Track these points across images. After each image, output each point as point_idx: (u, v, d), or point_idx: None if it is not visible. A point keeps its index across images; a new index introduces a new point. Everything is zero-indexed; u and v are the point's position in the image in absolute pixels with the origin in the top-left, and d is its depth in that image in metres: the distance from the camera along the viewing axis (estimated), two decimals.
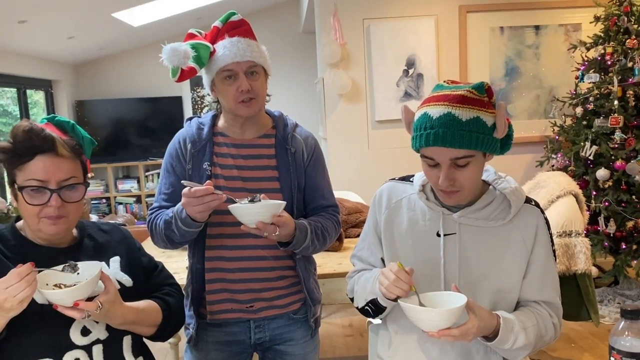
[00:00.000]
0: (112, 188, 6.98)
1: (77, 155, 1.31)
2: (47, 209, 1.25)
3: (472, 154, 1.27)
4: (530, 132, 4.53)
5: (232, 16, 1.64)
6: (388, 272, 1.28)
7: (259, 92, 1.61)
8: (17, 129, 1.26)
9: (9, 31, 4.98)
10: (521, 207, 1.40)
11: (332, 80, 4.35)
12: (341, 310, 4.14)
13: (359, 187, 3.87)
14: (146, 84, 6.97)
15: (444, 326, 1.20)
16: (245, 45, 1.59)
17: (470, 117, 1.25)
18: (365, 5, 4.39)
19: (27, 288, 1.11)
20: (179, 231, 1.55)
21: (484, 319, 1.25)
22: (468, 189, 1.32)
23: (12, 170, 1.27)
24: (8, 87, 5.97)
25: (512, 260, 1.38)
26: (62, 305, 1.16)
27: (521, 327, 1.31)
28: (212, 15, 6.36)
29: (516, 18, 4.46)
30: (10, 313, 1.12)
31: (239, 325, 1.69)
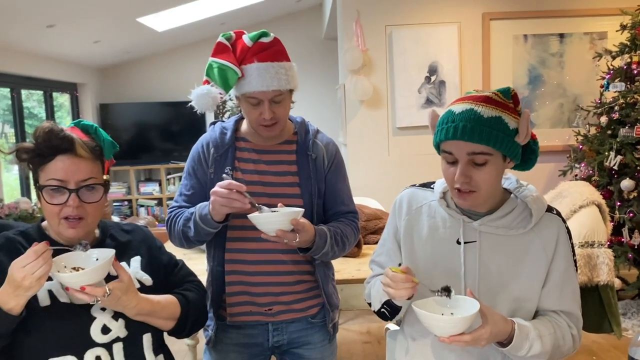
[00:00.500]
0: (134, 190, 7.07)
1: (97, 156, 1.33)
2: (66, 209, 1.27)
3: (490, 151, 1.27)
4: (553, 141, 4.48)
5: (263, 37, 1.60)
6: (386, 279, 1.29)
7: (281, 117, 1.61)
8: (38, 130, 1.29)
9: (38, 35, 5.09)
10: (542, 215, 1.38)
11: (353, 87, 4.36)
12: (359, 317, 4.12)
13: (379, 194, 3.87)
14: (169, 88, 7.06)
15: (455, 332, 1.20)
16: (273, 74, 1.55)
17: (492, 115, 1.26)
18: (388, 11, 4.39)
19: (44, 265, 1.14)
20: (196, 227, 1.58)
21: (498, 325, 1.24)
22: (485, 191, 1.31)
23: (36, 170, 1.31)
24: (35, 90, 6.10)
25: (532, 269, 1.37)
26: (72, 289, 1.19)
27: (537, 335, 1.29)
28: (235, 20, 6.43)
29: (540, 26, 4.43)
30: (29, 292, 1.14)
31: (258, 328, 1.70)
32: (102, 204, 1.34)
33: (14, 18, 4.47)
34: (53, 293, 1.26)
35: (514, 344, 1.26)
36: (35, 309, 1.23)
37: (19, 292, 1.13)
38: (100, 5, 4.74)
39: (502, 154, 1.30)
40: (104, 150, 1.36)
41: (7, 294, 1.14)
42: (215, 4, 5.64)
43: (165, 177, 7.08)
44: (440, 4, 4.41)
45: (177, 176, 7.17)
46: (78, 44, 5.83)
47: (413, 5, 4.40)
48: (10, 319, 1.15)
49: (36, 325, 1.22)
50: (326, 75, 6.93)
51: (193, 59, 7.03)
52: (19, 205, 4.68)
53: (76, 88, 6.82)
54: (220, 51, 1.60)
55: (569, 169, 4.14)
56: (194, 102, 1.57)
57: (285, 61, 1.60)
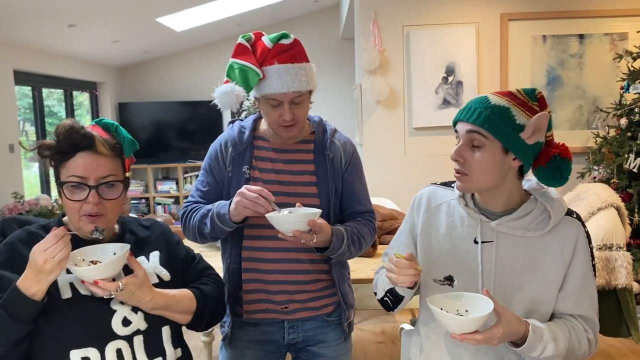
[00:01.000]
0: (151, 188, 7.14)
1: (117, 154, 1.35)
2: (85, 206, 1.29)
3: (486, 135, 1.30)
4: (571, 143, 4.39)
5: (284, 38, 1.61)
6: (389, 264, 1.31)
7: (300, 117, 1.63)
8: (60, 127, 1.31)
9: (59, 35, 5.17)
10: (562, 219, 1.38)
11: (370, 87, 4.36)
12: (374, 317, 4.12)
13: (395, 194, 3.86)
14: (186, 88, 7.12)
15: (468, 331, 1.21)
16: (293, 75, 1.56)
17: (500, 104, 1.31)
18: (405, 12, 4.39)
19: (64, 248, 1.16)
20: (212, 224, 1.60)
21: (512, 325, 1.25)
22: (475, 176, 1.33)
23: (57, 167, 1.33)
24: (56, 89, 6.19)
25: (549, 272, 1.36)
26: (87, 282, 1.22)
27: (551, 337, 1.29)
28: (252, 21, 6.47)
29: (559, 26, 4.39)
30: (51, 276, 1.17)
31: (274, 325, 1.71)
32: (122, 200, 1.36)
33: (36, 18, 4.54)
34: (74, 285, 1.29)
35: (527, 344, 1.26)
36: (57, 300, 1.25)
37: (41, 277, 1.16)
38: (120, 5, 4.80)
39: (501, 145, 1.30)
40: (124, 148, 1.38)
41: (29, 280, 1.17)
42: (232, 4, 5.67)
43: (182, 176, 7.14)
44: (459, 4, 4.39)
45: (193, 175, 7.23)
46: (98, 44, 5.90)
47: (431, 5, 4.39)
48: (33, 304, 1.17)
49: (58, 316, 1.24)
50: (343, 75, 6.94)
51: (210, 58, 7.08)
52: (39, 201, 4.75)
53: (96, 87, 6.91)
54: (240, 52, 1.61)
55: (588, 171, 4.10)
56: (217, 99, 1.58)
57: (305, 62, 1.61)
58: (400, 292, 1.41)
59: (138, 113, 7.03)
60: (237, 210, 1.53)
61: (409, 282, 1.29)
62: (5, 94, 4.94)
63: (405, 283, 1.29)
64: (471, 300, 1.28)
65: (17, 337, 1.18)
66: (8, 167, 4.93)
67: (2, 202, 4.67)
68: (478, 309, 1.24)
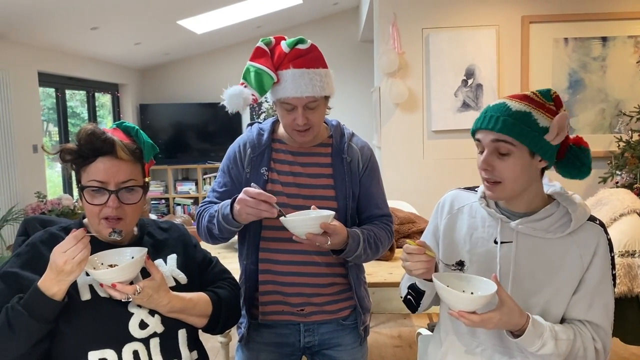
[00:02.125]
0: (171, 189, 7.22)
1: (137, 159, 1.37)
2: (105, 210, 1.31)
3: (513, 142, 1.30)
4: (593, 147, 4.28)
5: (300, 44, 1.61)
6: (403, 254, 1.33)
7: (315, 122, 1.62)
8: (81, 132, 1.33)
9: (82, 37, 5.25)
10: (584, 224, 1.37)
11: (388, 89, 4.35)
12: (390, 321, 4.11)
13: (413, 197, 3.85)
14: (206, 90, 7.18)
15: (467, 309, 1.22)
16: (307, 80, 1.56)
17: (521, 109, 1.31)
18: (425, 14, 4.37)
19: (83, 249, 1.18)
20: (218, 225, 1.61)
21: (512, 314, 1.26)
22: (509, 182, 1.33)
23: (79, 171, 1.35)
24: (78, 90, 6.29)
25: (566, 275, 1.36)
26: (105, 285, 1.24)
27: (552, 336, 1.29)
28: (271, 24, 6.50)
29: (582, 29, 4.33)
30: (71, 277, 1.19)
31: (289, 328, 1.72)
32: (141, 205, 1.38)
33: (60, 21, 4.62)
34: (94, 287, 1.31)
35: (524, 337, 1.27)
36: (76, 301, 1.27)
37: (61, 277, 1.18)
38: (142, 8, 4.86)
39: (528, 150, 1.31)
40: (144, 153, 1.39)
41: (49, 280, 1.19)
42: (252, 7, 5.71)
43: (201, 177, 7.21)
44: (479, 7, 4.36)
45: (213, 176, 7.29)
46: (120, 46, 5.99)
47: (451, 8, 4.36)
48: (53, 304, 1.19)
49: (77, 317, 1.26)
50: (361, 77, 6.93)
51: (230, 61, 7.13)
52: (62, 201, 4.83)
53: (117, 88, 7.00)
54: (258, 55, 1.62)
55: (610, 175, 4.04)
56: (226, 101, 1.60)
57: (322, 68, 1.61)
58: (420, 286, 1.42)
59: (159, 114, 7.11)
60: (242, 217, 1.53)
61: (422, 269, 1.31)
62: (29, 96, 5.03)
63: (419, 270, 1.31)
64: (478, 283, 1.30)
65: (38, 336, 1.20)
66: (32, 167, 5.02)
67: (25, 202, 4.76)
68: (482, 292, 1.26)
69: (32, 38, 4.87)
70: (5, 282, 1.28)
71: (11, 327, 1.18)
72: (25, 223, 1.49)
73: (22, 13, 4.21)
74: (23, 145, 4.85)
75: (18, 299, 1.22)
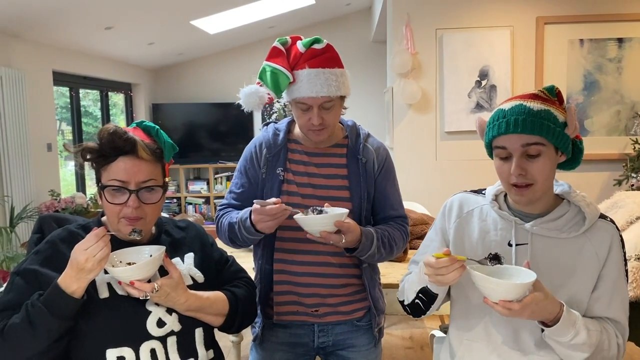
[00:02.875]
0: (183, 188, 7.25)
1: (158, 158, 1.37)
2: (125, 209, 1.32)
3: (543, 142, 1.29)
4: (608, 149, 4.33)
5: (316, 43, 1.61)
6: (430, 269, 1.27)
7: (330, 122, 1.62)
8: (103, 131, 1.33)
9: (97, 37, 5.29)
10: (596, 221, 1.37)
11: (401, 90, 4.34)
12: (402, 322, 4.10)
13: (425, 199, 3.83)
14: (218, 90, 7.21)
15: (507, 298, 1.19)
16: (323, 79, 1.56)
17: (542, 108, 1.30)
18: (439, 15, 4.35)
19: (104, 248, 1.20)
20: (242, 237, 1.62)
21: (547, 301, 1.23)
22: (541, 183, 1.32)
23: (99, 170, 1.35)
24: (92, 89, 6.33)
25: (583, 274, 1.35)
26: (124, 283, 1.25)
27: (584, 326, 1.28)
28: (284, 24, 6.51)
29: (597, 30, 4.29)
30: (91, 274, 1.20)
31: (304, 328, 1.72)
32: (160, 204, 1.39)
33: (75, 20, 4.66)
34: (112, 286, 1.31)
35: (559, 326, 1.25)
36: (95, 299, 1.28)
37: (81, 275, 1.19)
38: (156, 8, 4.89)
39: (554, 146, 1.32)
40: (164, 153, 1.40)
41: (70, 278, 1.20)
42: (265, 7, 5.72)
43: (213, 177, 7.23)
44: (493, 8, 4.33)
45: (224, 175, 7.31)
46: (134, 46, 6.02)
47: (465, 9, 4.34)
48: (73, 301, 1.20)
49: (96, 315, 1.27)
50: (373, 78, 6.92)
51: (242, 61, 7.15)
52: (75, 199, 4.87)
53: (130, 88, 7.04)
54: (274, 55, 1.63)
55: (625, 178, 4.00)
56: (242, 100, 1.60)
57: (338, 68, 1.61)
58: (433, 290, 1.39)
59: (171, 114, 7.14)
60: (263, 229, 1.55)
61: (458, 277, 1.26)
62: (44, 94, 5.08)
63: (455, 280, 1.26)
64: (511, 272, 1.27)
65: (57, 333, 1.21)
66: (46, 165, 5.07)
67: (40, 200, 4.80)
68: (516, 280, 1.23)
69: (47, 37, 4.91)
70: (25, 278, 1.29)
71: (31, 324, 1.19)
72: (40, 221, 1.50)
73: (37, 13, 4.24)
74: (37, 144, 4.89)
75: (38, 295, 1.23)
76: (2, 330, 1.22)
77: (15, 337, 1.20)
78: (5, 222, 4.47)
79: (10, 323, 1.22)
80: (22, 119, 4.56)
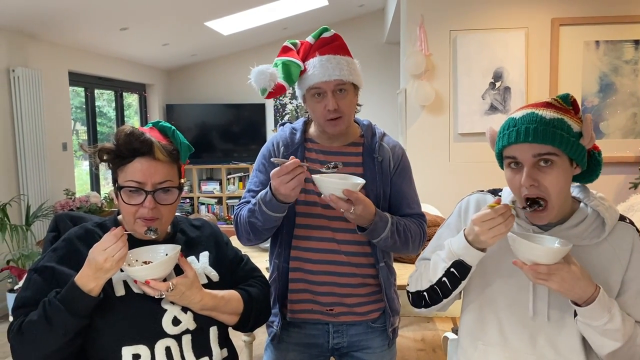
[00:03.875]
0: (195, 189, 7.29)
1: (174, 160, 1.38)
2: (142, 210, 1.33)
3: (555, 152, 1.24)
4: (624, 152, 4.29)
5: (325, 32, 1.65)
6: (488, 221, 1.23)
7: (345, 110, 1.62)
8: (120, 132, 1.34)
9: (112, 38, 5.33)
10: (615, 225, 1.34)
11: (415, 91, 4.33)
12: (414, 324, 4.08)
13: (438, 200, 3.82)
14: (231, 91, 7.24)
15: (541, 262, 1.18)
16: (334, 64, 1.59)
17: (555, 117, 1.26)
18: (453, 16, 4.34)
19: (122, 247, 1.21)
20: (263, 216, 1.58)
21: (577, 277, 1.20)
22: (555, 198, 1.27)
23: (115, 170, 1.36)
24: (107, 90, 6.39)
25: (606, 279, 1.31)
26: (139, 282, 1.26)
27: (619, 312, 1.24)
28: (297, 25, 6.52)
29: (613, 32, 4.25)
30: (109, 274, 1.22)
31: (318, 328, 1.72)
32: (176, 205, 1.40)
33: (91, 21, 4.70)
34: (127, 284, 1.32)
35: (593, 306, 1.21)
36: (111, 297, 1.29)
37: (99, 274, 1.20)
38: (171, 9, 4.92)
39: (568, 157, 1.27)
40: (180, 154, 1.40)
41: (87, 277, 1.21)
42: (278, 9, 5.73)
43: (225, 177, 7.26)
44: (508, 9, 4.31)
45: (237, 176, 7.34)
46: (148, 47, 6.07)
47: (479, 10, 4.32)
48: (90, 299, 1.22)
49: (112, 313, 1.28)
50: (386, 79, 6.91)
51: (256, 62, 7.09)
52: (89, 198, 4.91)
53: (145, 89, 7.10)
54: (285, 51, 1.67)
55: None
56: (253, 79, 1.61)
57: (347, 56, 1.64)
58: (468, 261, 1.32)
59: (184, 114, 7.19)
60: (286, 193, 1.49)
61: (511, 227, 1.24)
62: (60, 94, 5.13)
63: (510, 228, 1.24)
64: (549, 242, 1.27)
65: (74, 330, 1.22)
66: (61, 165, 5.12)
67: (55, 199, 4.85)
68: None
69: (63, 38, 4.97)
70: (42, 275, 1.30)
71: (49, 321, 1.21)
72: (56, 219, 1.51)
73: (54, 14, 4.29)
74: (53, 144, 4.95)
75: (55, 293, 1.24)
76: (20, 326, 1.24)
77: (32, 334, 1.22)
78: (21, 221, 4.52)
79: (28, 320, 1.23)
80: (38, 119, 4.62)
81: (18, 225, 4.31)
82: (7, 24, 4.27)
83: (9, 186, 4.47)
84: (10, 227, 4.22)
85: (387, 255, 1.74)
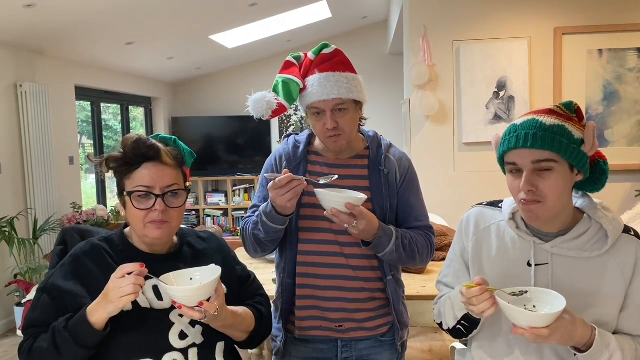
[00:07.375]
0: (201, 201, 7.30)
1: (179, 164, 1.40)
2: (152, 214, 1.33)
3: (555, 158, 1.24)
4: (629, 160, 4.28)
5: (325, 48, 1.63)
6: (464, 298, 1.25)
7: (345, 128, 1.61)
8: (126, 140, 1.36)
9: (118, 52, 5.38)
10: (619, 237, 1.32)
11: (419, 102, 4.34)
12: (422, 335, 4.06)
13: (444, 210, 3.81)
14: (236, 103, 7.28)
15: (537, 326, 1.17)
16: (333, 82, 1.57)
17: (555, 123, 1.26)
18: (456, 27, 4.36)
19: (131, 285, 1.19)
20: (264, 227, 1.58)
21: (577, 324, 1.20)
22: (551, 201, 1.26)
23: (122, 179, 1.37)
24: (113, 104, 6.43)
25: (609, 293, 1.30)
26: (186, 306, 1.22)
27: (618, 347, 1.24)
28: (301, 38, 6.56)
29: (617, 40, 4.26)
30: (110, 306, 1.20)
31: (327, 343, 1.70)
32: (184, 209, 1.41)
33: (97, 36, 4.75)
34: None
35: (593, 350, 1.21)
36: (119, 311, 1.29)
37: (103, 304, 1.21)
38: (176, 23, 4.96)
39: (568, 164, 1.27)
40: (185, 159, 1.43)
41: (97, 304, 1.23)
42: (282, 22, 5.78)
43: (231, 189, 7.28)
44: (511, 19, 4.33)
45: (242, 188, 7.35)
46: (154, 60, 6.11)
47: (482, 20, 4.34)
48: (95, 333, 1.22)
49: (120, 327, 1.28)
50: (390, 90, 6.94)
51: (260, 74, 7.22)
52: (96, 212, 4.93)
53: (150, 102, 7.15)
54: (286, 67, 1.67)
55: None
56: (251, 107, 1.61)
57: (349, 72, 1.62)
58: (476, 317, 1.34)
59: (190, 127, 7.23)
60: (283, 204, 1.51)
61: (490, 308, 1.23)
62: (67, 109, 5.18)
63: (489, 311, 1.23)
64: (539, 295, 1.25)
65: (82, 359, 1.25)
66: (68, 178, 5.15)
67: (62, 212, 4.87)
68: (546, 303, 1.22)
69: (70, 53, 5.02)
70: (50, 295, 1.32)
71: (57, 349, 1.23)
72: (63, 233, 1.52)
73: (60, 30, 4.34)
74: (60, 157, 4.98)
75: (65, 321, 1.25)
76: (30, 350, 1.26)
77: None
78: (28, 234, 4.54)
79: (38, 345, 1.26)
80: (45, 133, 4.66)
81: (25, 239, 4.34)
82: (14, 40, 4.32)
83: (16, 200, 4.50)
84: (17, 240, 4.24)
85: (395, 268, 1.73)
